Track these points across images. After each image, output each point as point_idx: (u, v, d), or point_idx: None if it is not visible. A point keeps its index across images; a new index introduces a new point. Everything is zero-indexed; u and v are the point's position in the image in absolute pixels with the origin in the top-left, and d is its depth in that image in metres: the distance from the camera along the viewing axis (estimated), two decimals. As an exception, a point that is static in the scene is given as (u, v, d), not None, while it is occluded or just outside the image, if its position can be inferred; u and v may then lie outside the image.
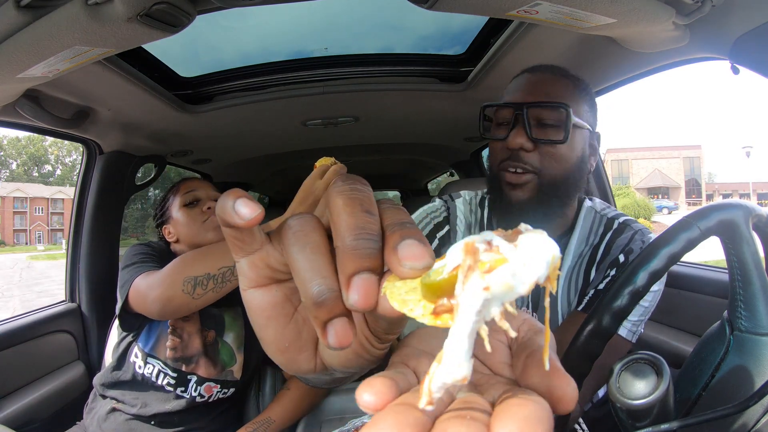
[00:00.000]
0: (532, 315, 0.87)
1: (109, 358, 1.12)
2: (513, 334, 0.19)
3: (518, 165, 0.75)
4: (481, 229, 0.90)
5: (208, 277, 0.90)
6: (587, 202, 0.87)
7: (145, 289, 0.95)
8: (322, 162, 0.86)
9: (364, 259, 0.20)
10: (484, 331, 0.18)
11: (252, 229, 0.23)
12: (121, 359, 1.07)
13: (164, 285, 0.92)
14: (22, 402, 1.17)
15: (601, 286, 0.79)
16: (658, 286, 0.79)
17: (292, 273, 0.22)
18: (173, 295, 0.90)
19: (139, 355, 1.05)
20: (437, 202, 0.96)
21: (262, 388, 1.24)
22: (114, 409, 1.05)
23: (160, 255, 1.12)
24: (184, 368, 1.05)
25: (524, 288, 0.18)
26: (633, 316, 0.77)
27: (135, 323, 1.05)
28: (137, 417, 1.03)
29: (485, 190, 0.95)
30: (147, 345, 1.05)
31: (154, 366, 1.04)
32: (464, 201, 0.94)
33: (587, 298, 0.79)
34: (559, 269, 0.21)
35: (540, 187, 0.75)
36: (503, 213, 0.79)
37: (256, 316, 0.25)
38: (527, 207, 0.76)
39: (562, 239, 0.84)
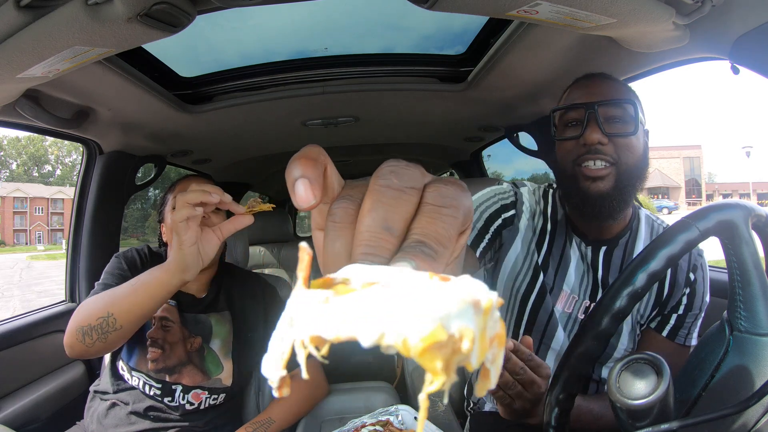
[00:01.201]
0: (589, 304, 0.90)
1: (106, 363, 1.11)
2: (305, 375, 0.18)
3: (597, 158, 0.81)
4: (544, 219, 0.95)
5: (90, 328, 0.86)
6: (642, 210, 0.94)
7: None
8: (256, 204, 0.81)
9: None
10: (301, 355, 0.16)
11: (327, 183, 0.24)
12: (114, 371, 1.06)
13: (67, 332, 0.89)
14: (22, 402, 1.17)
15: (681, 311, 0.87)
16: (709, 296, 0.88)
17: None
18: (73, 342, 0.88)
19: (125, 368, 1.04)
20: (505, 185, 1.00)
21: (262, 388, 1.24)
22: (114, 405, 1.05)
23: (131, 270, 1.06)
24: (167, 378, 1.04)
25: (330, 333, 0.15)
26: (696, 328, 0.87)
27: None
28: (135, 412, 1.03)
29: (546, 184, 1.01)
30: (130, 359, 1.04)
31: (139, 378, 1.03)
32: (529, 190, 0.99)
33: (670, 325, 0.87)
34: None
35: (618, 177, 0.81)
36: (581, 205, 0.84)
37: (318, 255, 0.27)
38: (606, 197, 0.81)
39: (620, 239, 0.90)
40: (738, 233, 0.52)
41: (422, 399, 0.15)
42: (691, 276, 0.87)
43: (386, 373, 2.35)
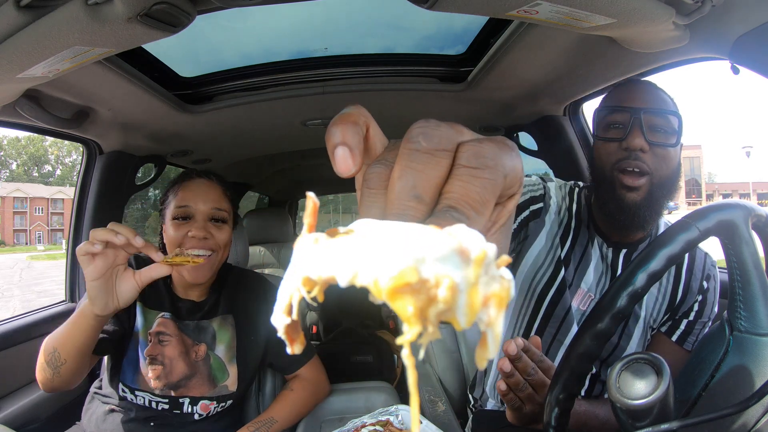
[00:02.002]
0: (594, 296, 0.92)
1: (105, 365, 1.09)
2: (294, 317, 0.18)
3: (636, 164, 0.81)
4: (569, 216, 0.97)
5: (46, 362, 0.90)
6: (662, 218, 0.93)
7: None
8: (177, 260, 0.86)
9: None
10: (295, 298, 0.17)
11: (369, 145, 0.24)
12: (115, 390, 1.04)
13: (37, 365, 0.92)
14: (22, 402, 1.17)
15: (691, 317, 0.89)
16: (716, 308, 0.90)
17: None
18: (41, 377, 0.92)
19: (127, 390, 1.02)
20: (534, 177, 1.00)
21: (263, 389, 1.24)
22: (112, 410, 1.04)
23: None
24: (173, 393, 1.02)
25: (314, 272, 0.15)
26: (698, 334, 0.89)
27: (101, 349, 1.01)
28: (135, 419, 1.02)
29: (573, 182, 1.02)
30: (131, 380, 1.02)
31: (144, 398, 1.01)
32: (555, 186, 1.00)
33: (680, 330, 0.89)
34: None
35: (651, 188, 0.82)
36: (616, 213, 0.85)
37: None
38: (640, 207, 0.83)
39: (640, 244, 0.92)
40: (738, 233, 0.52)
41: (405, 355, 0.14)
42: (705, 284, 0.89)
43: (386, 373, 2.35)
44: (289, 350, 0.18)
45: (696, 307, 0.89)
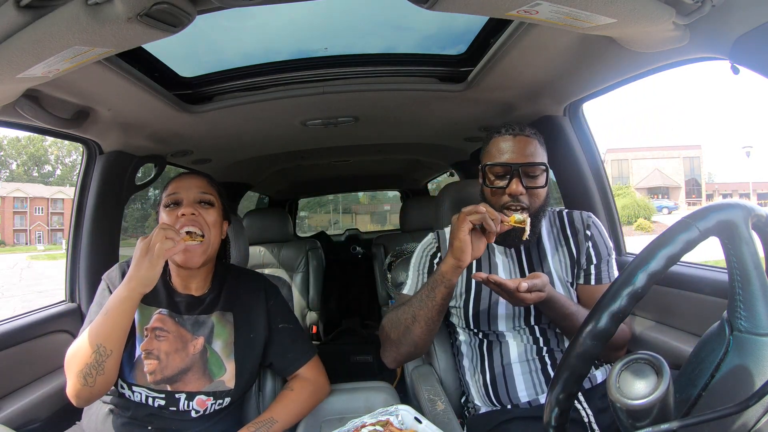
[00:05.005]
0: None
1: None
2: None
3: (517, 205, 1.08)
4: None
5: (88, 367, 0.92)
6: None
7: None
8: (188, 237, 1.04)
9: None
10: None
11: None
12: (114, 390, 1.05)
13: (69, 384, 0.95)
14: (22, 402, 1.16)
15: (594, 261, 1.15)
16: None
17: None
18: (78, 389, 0.94)
19: (125, 386, 1.02)
20: (430, 236, 1.28)
21: (263, 389, 1.24)
22: (112, 411, 1.04)
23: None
24: (169, 388, 1.02)
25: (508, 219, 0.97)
26: (614, 268, 1.16)
27: None
28: (135, 419, 1.02)
29: None
30: (128, 375, 1.02)
31: (141, 393, 1.02)
32: (448, 231, 1.21)
33: (593, 275, 1.14)
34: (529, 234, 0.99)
35: (529, 216, 1.06)
36: (505, 235, 1.07)
37: (460, 233, 0.94)
38: (521, 231, 1.07)
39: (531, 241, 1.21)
40: (738, 233, 0.52)
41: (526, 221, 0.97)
42: (588, 232, 1.16)
43: (386, 373, 2.35)
44: None
45: (592, 252, 1.14)
